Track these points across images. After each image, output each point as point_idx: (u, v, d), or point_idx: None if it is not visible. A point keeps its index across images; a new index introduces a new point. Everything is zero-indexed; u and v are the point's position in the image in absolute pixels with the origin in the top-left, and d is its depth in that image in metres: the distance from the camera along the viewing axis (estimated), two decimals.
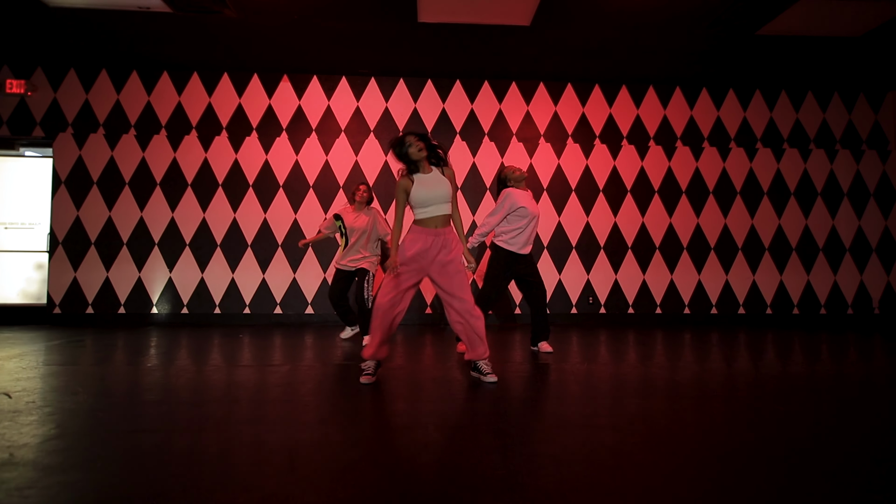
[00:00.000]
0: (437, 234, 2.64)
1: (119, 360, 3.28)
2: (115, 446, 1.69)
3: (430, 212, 2.65)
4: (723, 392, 2.54)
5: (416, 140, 2.68)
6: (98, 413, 2.07)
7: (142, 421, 1.98)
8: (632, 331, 5.03)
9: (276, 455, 1.61)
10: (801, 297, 5.79)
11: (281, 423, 1.97)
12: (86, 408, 2.14)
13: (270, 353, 3.59)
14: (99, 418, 2.00)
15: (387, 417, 2.11)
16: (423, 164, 2.70)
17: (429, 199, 2.64)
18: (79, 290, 5.30)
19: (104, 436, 1.79)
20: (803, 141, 5.90)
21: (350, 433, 1.85)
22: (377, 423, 2.01)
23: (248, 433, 1.82)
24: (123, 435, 1.80)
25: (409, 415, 2.12)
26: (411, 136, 2.69)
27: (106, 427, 1.89)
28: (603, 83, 5.80)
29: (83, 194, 5.35)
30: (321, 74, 5.62)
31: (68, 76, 5.40)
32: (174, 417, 2.03)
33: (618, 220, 5.72)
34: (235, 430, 1.86)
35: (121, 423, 1.94)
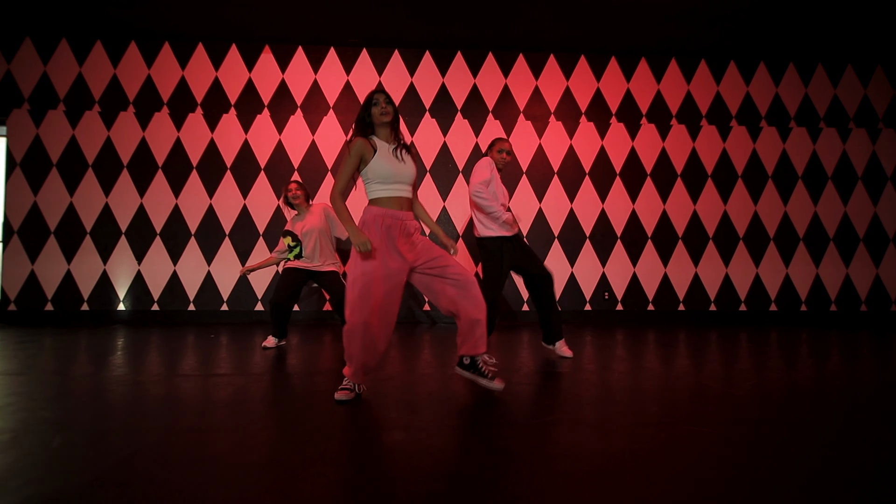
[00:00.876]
0: (399, 217, 2.11)
1: (79, 366, 2.73)
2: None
3: (393, 191, 2.12)
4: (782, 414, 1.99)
5: (385, 102, 2.16)
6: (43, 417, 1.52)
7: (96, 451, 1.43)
8: (652, 330, 4.48)
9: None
10: (840, 291, 5.24)
11: (234, 454, 1.43)
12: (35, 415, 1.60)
13: (247, 357, 3.04)
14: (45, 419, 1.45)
15: (367, 456, 1.56)
16: (386, 131, 2.19)
17: (393, 175, 2.12)
18: (37, 284, 4.75)
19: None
20: (842, 119, 5.32)
21: (316, 449, 1.30)
22: (351, 465, 1.46)
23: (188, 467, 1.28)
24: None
25: (398, 453, 1.57)
26: (381, 95, 2.17)
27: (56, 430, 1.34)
28: (620, 55, 5.22)
29: (41, 178, 4.79)
30: (307, 45, 5.05)
31: (24, 45, 4.83)
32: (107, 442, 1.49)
33: (636, 207, 5.16)
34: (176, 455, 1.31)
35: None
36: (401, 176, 2.13)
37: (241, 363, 2.87)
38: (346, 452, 1.51)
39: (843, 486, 1.29)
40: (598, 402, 2.07)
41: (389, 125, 2.19)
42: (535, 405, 2.05)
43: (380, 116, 2.15)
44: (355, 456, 1.49)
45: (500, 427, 1.74)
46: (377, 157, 2.12)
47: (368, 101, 2.18)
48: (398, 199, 2.13)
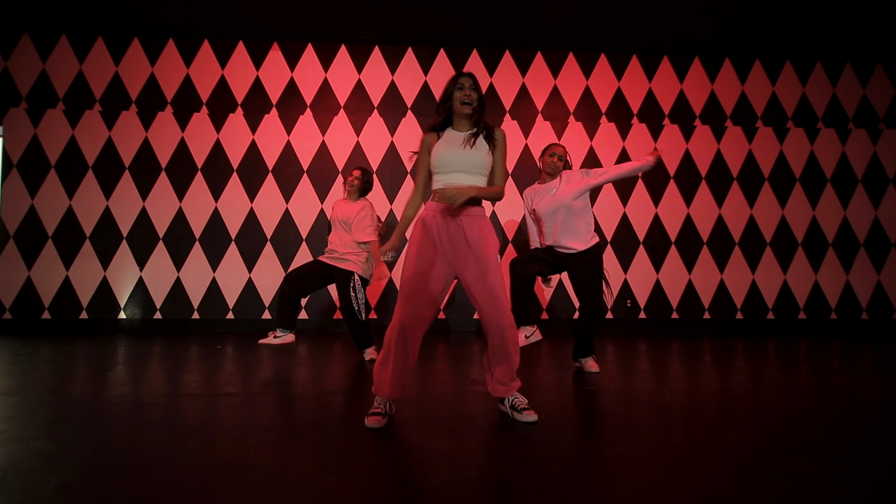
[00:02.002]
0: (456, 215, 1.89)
1: (77, 384, 2.50)
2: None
3: (451, 179, 1.89)
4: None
5: (471, 88, 1.92)
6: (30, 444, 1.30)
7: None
8: (676, 339, 4.27)
9: None
10: (870, 300, 5.03)
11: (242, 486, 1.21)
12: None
13: (253, 372, 2.82)
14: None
15: (383, 480, 1.34)
16: (463, 121, 1.96)
17: (450, 162, 1.89)
18: (33, 291, 4.52)
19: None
20: (873, 120, 5.13)
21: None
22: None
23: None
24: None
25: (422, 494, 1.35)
26: (467, 79, 1.93)
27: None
28: (642, 53, 5.03)
29: (39, 180, 4.58)
30: (317, 42, 4.85)
31: (21, 42, 4.63)
32: (111, 462, 1.27)
33: (659, 211, 4.96)
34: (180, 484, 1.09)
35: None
36: (458, 162, 1.88)
37: (251, 379, 2.65)
38: (387, 493, 1.29)
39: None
40: (651, 427, 1.86)
41: (468, 117, 1.93)
42: (582, 434, 1.83)
43: (460, 106, 1.91)
44: (399, 498, 1.27)
45: (553, 461, 1.53)
46: (439, 143, 1.92)
47: (451, 85, 1.94)
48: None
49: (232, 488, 1.32)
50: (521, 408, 1.93)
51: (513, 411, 1.95)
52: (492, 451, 1.63)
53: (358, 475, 1.41)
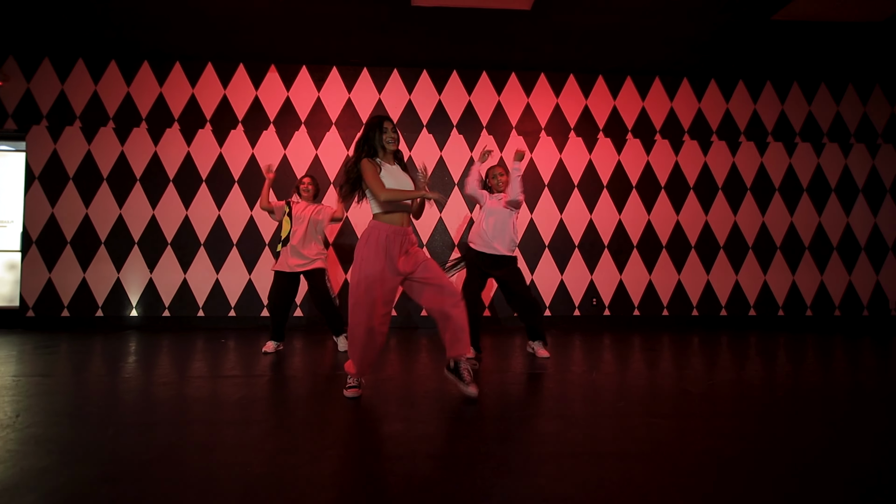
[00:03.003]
0: (402, 233, 2.40)
1: (93, 371, 2.99)
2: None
3: (397, 206, 2.40)
4: (747, 406, 2.27)
5: (393, 130, 2.46)
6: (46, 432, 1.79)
7: (87, 448, 1.70)
8: (638, 334, 4.77)
9: (227, 492, 1.34)
10: (815, 297, 5.54)
11: (238, 449, 1.70)
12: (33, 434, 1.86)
13: (254, 361, 3.30)
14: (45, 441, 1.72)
15: (371, 443, 1.83)
16: (389, 157, 2.49)
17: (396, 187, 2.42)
18: (54, 291, 5.00)
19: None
20: (816, 135, 5.64)
21: (328, 463, 1.57)
22: (359, 449, 1.73)
23: (201, 463, 1.55)
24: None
25: (398, 440, 1.84)
26: (389, 123, 2.45)
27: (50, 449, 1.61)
28: (607, 74, 5.53)
29: (58, 190, 5.05)
30: (311, 64, 5.33)
31: (42, 65, 5.10)
32: (122, 442, 1.75)
33: (622, 218, 5.46)
34: (192, 458, 1.58)
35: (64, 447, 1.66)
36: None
37: (253, 366, 3.14)
38: (357, 439, 1.78)
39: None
40: (579, 400, 2.35)
41: (393, 154, 2.48)
42: (522, 402, 2.32)
43: (390, 145, 2.43)
44: (364, 442, 1.76)
45: (491, 420, 2.02)
46: (383, 175, 2.39)
47: (377, 125, 2.42)
48: (401, 215, 2.41)
49: (229, 442, 1.81)
50: (467, 380, 2.41)
51: (458, 379, 2.40)
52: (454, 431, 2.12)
53: (333, 426, 1.90)
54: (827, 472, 1.51)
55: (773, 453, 1.65)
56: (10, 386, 2.54)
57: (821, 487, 1.40)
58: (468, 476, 1.46)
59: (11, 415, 2.04)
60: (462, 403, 2.28)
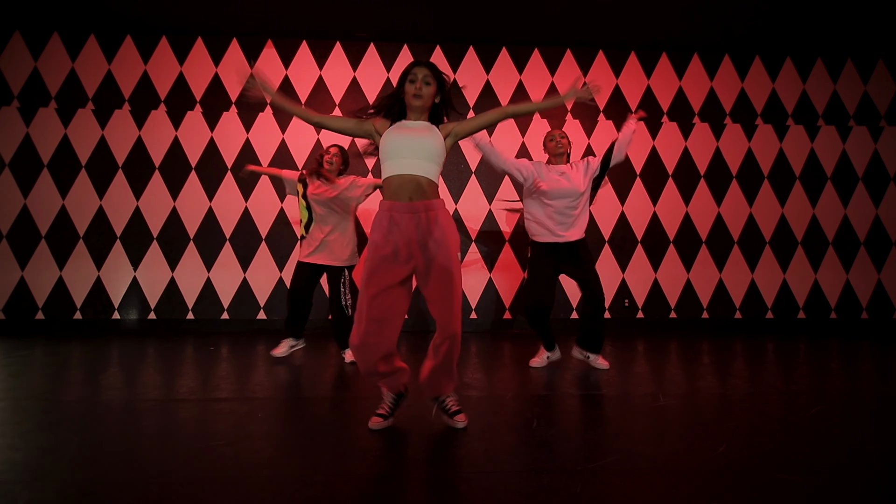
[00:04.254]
0: (415, 211, 1.75)
1: (68, 384, 2.48)
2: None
3: (401, 167, 1.77)
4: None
5: (424, 79, 1.82)
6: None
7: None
8: (674, 339, 4.25)
9: None
10: (870, 299, 4.98)
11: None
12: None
13: (249, 375, 2.79)
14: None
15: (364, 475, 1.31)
16: (417, 114, 1.86)
17: (403, 146, 1.77)
18: (27, 291, 4.50)
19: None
20: (874, 117, 5.07)
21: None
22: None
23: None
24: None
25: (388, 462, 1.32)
26: (421, 70, 1.84)
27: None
28: (640, 50, 4.97)
29: (31, 179, 4.54)
30: (312, 39, 4.80)
31: (13, 40, 4.58)
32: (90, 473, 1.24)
33: (657, 210, 4.91)
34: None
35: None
36: (409, 148, 1.77)
37: (246, 383, 2.62)
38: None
39: None
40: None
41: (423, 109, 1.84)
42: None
43: (413, 99, 1.81)
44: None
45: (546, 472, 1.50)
46: (391, 128, 1.83)
47: (405, 72, 1.87)
48: (405, 182, 1.76)
49: (225, 492, 1.29)
50: (452, 411, 1.89)
51: (443, 413, 1.91)
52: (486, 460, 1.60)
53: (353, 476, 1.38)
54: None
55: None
56: None
57: None
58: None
59: None
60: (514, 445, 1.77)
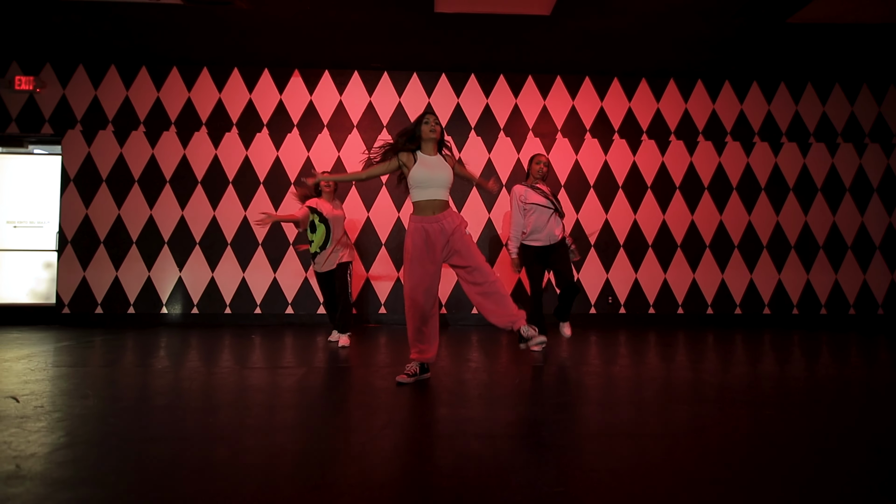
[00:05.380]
0: (435, 221, 2.54)
1: (129, 362, 3.16)
2: (127, 457, 1.56)
3: (429, 195, 2.55)
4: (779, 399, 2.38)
5: (435, 121, 2.62)
6: (109, 419, 1.94)
7: (153, 429, 1.85)
8: (653, 332, 4.87)
9: (297, 466, 1.48)
10: (829, 296, 5.59)
11: (297, 429, 1.84)
12: (96, 413, 2.02)
13: (283, 355, 3.46)
14: (110, 425, 1.87)
15: (416, 425, 1.96)
16: (431, 145, 2.63)
17: (430, 180, 2.55)
18: (88, 289, 5.20)
19: (116, 445, 1.67)
20: (831, 135, 5.69)
21: (379, 443, 1.71)
22: (408, 432, 1.87)
23: (261, 443, 1.69)
24: (135, 444, 1.67)
25: (441, 422, 1.97)
26: (432, 116, 2.63)
27: (117, 435, 1.76)
28: (622, 76, 5.63)
29: (92, 192, 5.25)
30: (333, 69, 5.49)
31: (77, 72, 5.31)
32: (186, 425, 1.90)
33: (638, 218, 5.55)
34: (250, 440, 1.72)
35: (132, 431, 1.81)
36: (435, 180, 2.54)
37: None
38: (409, 422, 1.92)
39: None
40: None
41: (435, 142, 2.61)
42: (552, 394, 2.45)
43: (429, 133, 2.58)
44: (416, 424, 1.90)
45: (530, 406, 2.14)
46: (417, 166, 2.56)
47: (421, 117, 2.62)
48: (432, 203, 2.54)
49: (249, 424, 1.95)
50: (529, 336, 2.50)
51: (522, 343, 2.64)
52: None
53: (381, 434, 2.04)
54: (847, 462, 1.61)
55: (792, 437, 1.76)
56: (63, 375, 2.71)
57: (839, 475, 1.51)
58: (517, 452, 1.59)
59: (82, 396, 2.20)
60: (499, 391, 2.41)
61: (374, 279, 5.37)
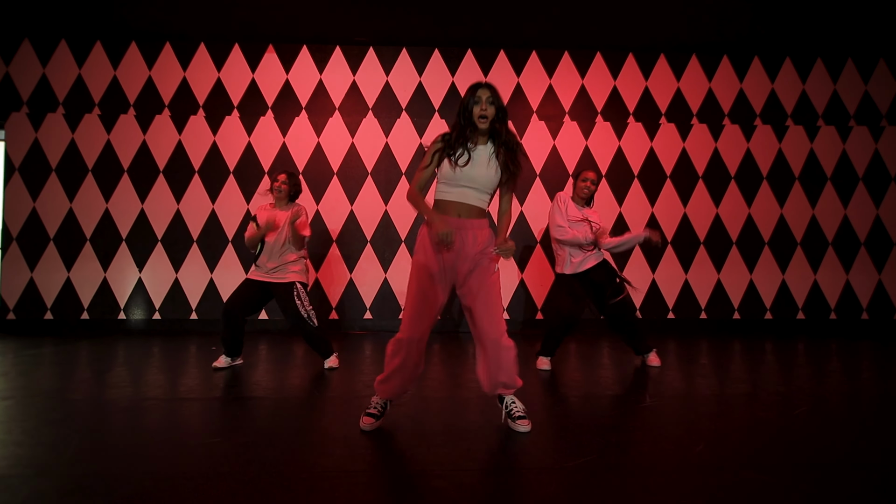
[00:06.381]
0: (460, 226, 1.87)
1: (75, 382, 2.57)
2: None
3: (457, 195, 1.89)
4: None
5: (489, 101, 1.88)
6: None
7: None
8: (672, 339, 4.27)
9: None
10: (871, 300, 4.96)
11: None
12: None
13: (251, 375, 2.87)
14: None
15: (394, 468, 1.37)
16: (481, 136, 1.93)
17: (461, 176, 1.87)
18: (36, 292, 4.62)
19: None
20: (874, 117, 5.04)
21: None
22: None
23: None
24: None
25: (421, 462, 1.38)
26: (485, 91, 1.90)
27: None
28: (637, 51, 4.99)
29: (40, 183, 4.66)
30: (312, 44, 4.87)
31: (22, 47, 4.70)
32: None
33: (655, 211, 4.93)
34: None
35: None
36: (468, 178, 1.87)
37: (240, 383, 2.70)
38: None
39: None
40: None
41: (486, 132, 1.90)
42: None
43: (478, 120, 1.87)
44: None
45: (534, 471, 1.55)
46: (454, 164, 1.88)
47: (470, 92, 1.91)
48: (459, 205, 1.89)
49: (208, 497, 1.36)
50: (516, 415, 1.93)
51: (507, 418, 1.96)
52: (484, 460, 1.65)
53: (353, 480, 1.44)
54: None
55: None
56: None
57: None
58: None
59: None
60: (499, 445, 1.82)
61: (359, 281, 4.77)
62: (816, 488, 1.41)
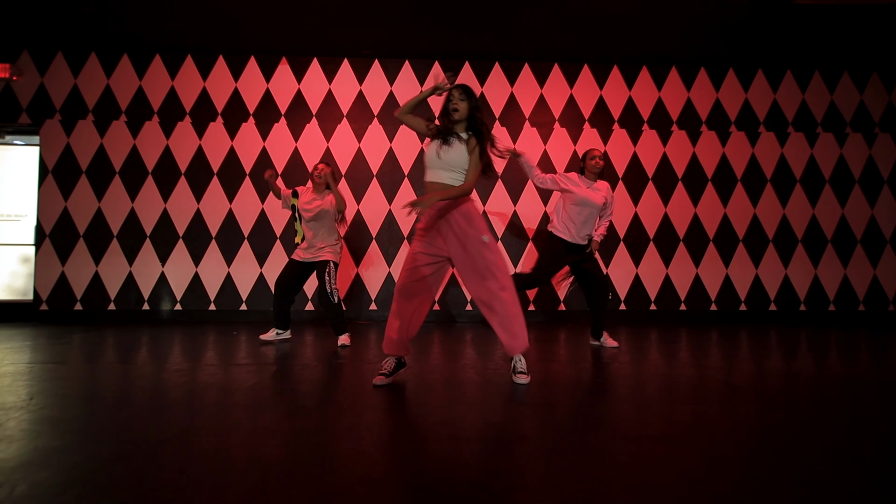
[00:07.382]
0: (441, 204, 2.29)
1: (106, 359, 2.96)
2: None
3: (429, 176, 2.33)
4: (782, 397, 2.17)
5: (461, 97, 2.31)
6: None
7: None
8: (655, 328, 4.66)
9: (263, 471, 1.27)
10: (837, 292, 5.38)
11: (273, 433, 1.64)
12: (45, 416, 1.82)
13: (266, 351, 3.25)
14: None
15: (407, 427, 1.76)
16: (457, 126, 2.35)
17: (432, 161, 2.31)
18: (67, 285, 5.00)
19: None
20: (839, 124, 5.48)
21: (366, 445, 1.51)
22: (396, 434, 1.66)
23: (211, 445, 1.49)
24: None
25: (432, 425, 1.77)
26: (458, 90, 2.32)
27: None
28: (622, 64, 5.42)
29: (71, 184, 5.06)
30: (322, 56, 5.29)
31: (56, 60, 5.11)
32: (134, 426, 1.70)
33: (638, 210, 5.34)
34: (215, 441, 1.52)
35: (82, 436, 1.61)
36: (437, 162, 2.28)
37: (263, 358, 3.09)
38: (388, 423, 1.72)
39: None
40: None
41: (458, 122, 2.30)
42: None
43: (452, 113, 2.30)
44: (397, 426, 1.69)
45: (530, 406, 1.94)
46: (431, 143, 2.33)
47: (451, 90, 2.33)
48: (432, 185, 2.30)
49: (220, 424, 1.75)
50: (518, 370, 2.32)
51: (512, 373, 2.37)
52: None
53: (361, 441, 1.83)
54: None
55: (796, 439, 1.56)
56: (24, 372, 2.51)
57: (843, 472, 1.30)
58: (505, 456, 1.39)
59: (25, 398, 2.00)
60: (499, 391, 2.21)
61: (365, 275, 5.17)
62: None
